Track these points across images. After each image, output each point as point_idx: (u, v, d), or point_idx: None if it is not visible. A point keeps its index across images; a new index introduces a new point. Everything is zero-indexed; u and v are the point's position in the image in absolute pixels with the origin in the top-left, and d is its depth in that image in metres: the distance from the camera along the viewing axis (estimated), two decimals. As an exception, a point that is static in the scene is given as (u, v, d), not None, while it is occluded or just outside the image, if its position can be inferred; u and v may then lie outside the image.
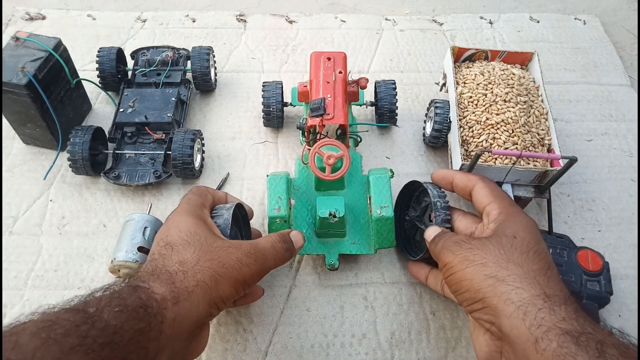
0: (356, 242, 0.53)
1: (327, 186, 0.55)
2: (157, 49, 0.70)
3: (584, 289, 0.52)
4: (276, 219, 0.50)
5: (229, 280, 0.40)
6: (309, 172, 0.56)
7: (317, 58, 0.57)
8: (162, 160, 0.61)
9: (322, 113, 0.52)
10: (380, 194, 0.51)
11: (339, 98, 0.54)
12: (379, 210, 0.50)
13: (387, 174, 0.52)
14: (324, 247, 0.53)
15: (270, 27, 0.82)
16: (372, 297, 0.55)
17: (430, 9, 0.87)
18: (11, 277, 0.54)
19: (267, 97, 0.64)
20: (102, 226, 0.58)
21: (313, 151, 0.51)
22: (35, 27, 0.79)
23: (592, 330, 0.34)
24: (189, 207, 0.46)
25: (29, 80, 0.55)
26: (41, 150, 0.65)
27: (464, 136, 0.59)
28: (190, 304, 0.38)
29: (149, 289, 0.37)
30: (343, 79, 0.56)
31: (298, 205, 0.54)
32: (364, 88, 0.61)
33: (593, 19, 0.86)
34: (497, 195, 0.46)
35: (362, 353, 0.51)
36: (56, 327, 0.30)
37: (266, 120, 0.66)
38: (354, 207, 0.54)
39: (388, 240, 0.52)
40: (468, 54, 0.66)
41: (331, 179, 0.51)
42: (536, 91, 0.63)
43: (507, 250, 0.40)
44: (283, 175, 0.52)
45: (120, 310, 0.33)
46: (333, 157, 0.50)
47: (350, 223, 0.53)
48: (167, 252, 0.41)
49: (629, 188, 0.65)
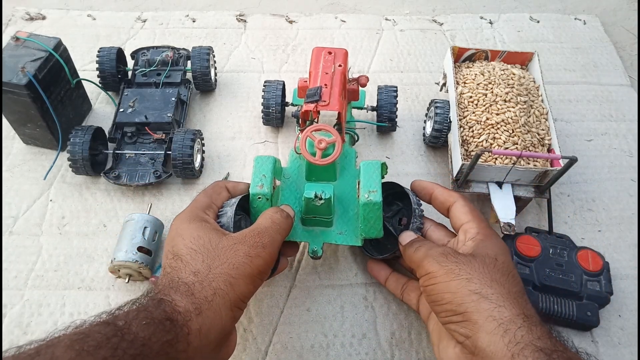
0: (343, 232, 0.51)
1: (318, 176, 0.54)
2: (157, 49, 0.70)
3: (584, 289, 0.52)
4: (258, 196, 0.48)
5: (244, 279, 0.41)
6: (301, 162, 0.55)
7: (318, 52, 0.57)
8: (162, 160, 0.61)
9: (317, 99, 0.51)
10: (370, 179, 0.49)
11: (336, 88, 0.53)
12: (367, 194, 0.47)
13: (378, 162, 0.50)
14: (309, 235, 0.51)
15: (270, 27, 0.82)
16: (372, 297, 0.55)
17: (430, 9, 0.87)
18: (11, 277, 0.54)
19: (267, 97, 0.64)
20: (102, 226, 0.58)
21: (305, 134, 0.50)
22: (35, 27, 0.79)
23: (563, 349, 0.36)
24: (191, 210, 0.46)
25: (29, 80, 0.55)
26: (41, 150, 0.65)
27: (464, 136, 0.59)
28: (213, 312, 0.38)
29: (172, 302, 0.37)
30: (342, 72, 0.55)
31: (286, 193, 0.53)
32: (363, 86, 0.60)
33: (593, 19, 0.86)
34: (476, 215, 0.48)
35: (362, 353, 0.51)
36: (89, 340, 0.32)
37: (265, 119, 0.66)
38: (344, 199, 0.53)
39: (375, 229, 0.49)
40: (468, 54, 0.66)
41: (321, 164, 0.49)
42: (536, 91, 0.63)
43: (490, 270, 0.41)
44: (270, 157, 0.51)
45: (147, 323, 0.34)
46: (325, 141, 0.49)
47: (338, 214, 0.52)
48: (177, 264, 0.41)
49: (629, 188, 0.65)
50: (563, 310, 0.51)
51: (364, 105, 0.65)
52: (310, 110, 0.52)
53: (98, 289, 0.54)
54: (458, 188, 0.57)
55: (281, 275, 0.56)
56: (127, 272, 0.52)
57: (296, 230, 0.51)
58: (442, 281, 0.41)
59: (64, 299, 0.53)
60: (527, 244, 0.54)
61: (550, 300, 0.51)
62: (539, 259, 0.53)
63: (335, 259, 0.57)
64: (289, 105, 0.66)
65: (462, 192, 0.57)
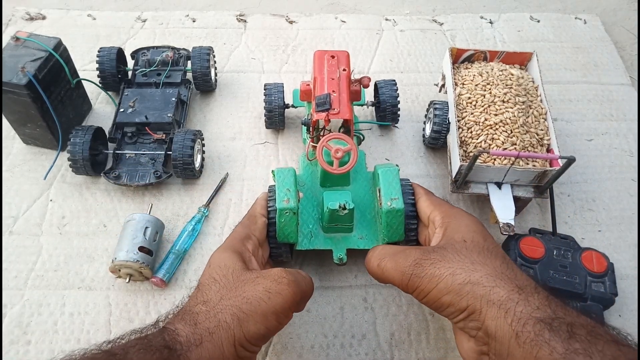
0: (363, 237, 0.53)
1: (333, 182, 0.55)
2: (157, 49, 0.70)
3: (588, 290, 0.51)
4: (285, 211, 0.49)
5: (255, 317, 0.38)
6: (314, 169, 0.56)
7: (320, 56, 0.58)
8: (163, 161, 0.61)
9: (327, 108, 0.52)
10: (390, 186, 0.50)
11: (343, 94, 0.54)
12: (390, 202, 0.49)
13: (395, 168, 0.52)
14: (332, 242, 0.52)
15: (271, 27, 0.82)
16: (372, 298, 0.55)
17: (430, 9, 0.87)
18: (11, 277, 0.54)
19: (269, 100, 0.64)
20: (103, 226, 0.59)
21: (321, 145, 0.51)
22: (35, 27, 0.79)
23: (563, 314, 0.36)
24: (229, 241, 0.46)
25: (29, 80, 0.55)
26: (41, 150, 0.65)
27: (463, 137, 0.59)
28: (213, 345, 0.36)
29: (175, 330, 0.37)
30: (347, 76, 0.56)
31: (304, 201, 0.54)
32: (366, 87, 0.61)
33: (593, 19, 0.86)
34: (437, 203, 0.49)
35: (362, 353, 0.51)
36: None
37: (268, 122, 0.66)
38: (360, 202, 0.54)
39: (398, 233, 0.50)
40: (467, 54, 0.66)
41: (340, 172, 0.50)
42: (535, 91, 0.62)
43: (465, 254, 0.40)
44: (290, 169, 0.52)
45: (144, 350, 0.34)
46: (341, 150, 0.50)
47: (356, 218, 0.53)
48: (194, 293, 0.41)
49: (629, 188, 0.65)
50: None
51: (364, 102, 0.66)
52: (322, 119, 0.52)
53: (98, 289, 0.54)
54: (457, 189, 0.57)
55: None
56: (127, 272, 0.52)
57: (318, 238, 0.52)
58: (430, 289, 0.40)
59: (64, 299, 0.53)
60: (531, 245, 0.54)
61: None
62: (543, 261, 0.53)
63: (335, 259, 0.57)
64: (289, 107, 0.66)
65: (462, 193, 0.57)
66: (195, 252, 0.57)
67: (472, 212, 0.61)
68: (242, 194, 0.62)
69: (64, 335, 0.51)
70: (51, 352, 0.50)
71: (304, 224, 0.53)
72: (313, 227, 0.53)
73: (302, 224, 0.53)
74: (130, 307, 0.53)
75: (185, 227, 0.57)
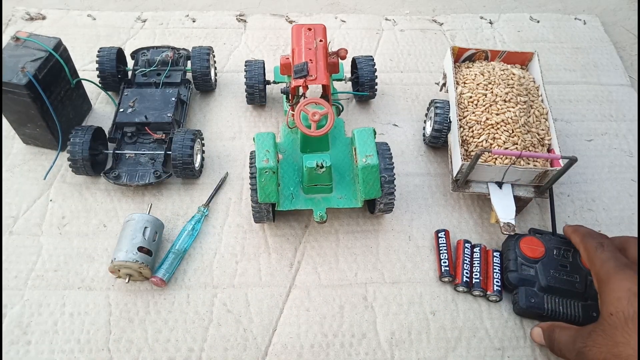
0: (343, 197, 0.55)
1: (313, 147, 0.57)
2: (157, 49, 0.70)
3: (589, 289, 0.52)
4: (265, 170, 0.51)
5: None
6: (295, 136, 0.58)
7: (298, 29, 0.60)
8: (162, 160, 0.61)
9: (305, 74, 0.54)
10: (365, 145, 0.53)
11: (320, 62, 0.56)
12: (364, 158, 0.52)
13: (370, 128, 0.54)
14: (312, 202, 0.55)
15: (270, 27, 0.82)
16: (372, 297, 0.55)
17: (430, 9, 0.87)
18: (11, 277, 0.54)
19: (250, 76, 0.66)
20: (102, 226, 0.58)
21: (299, 109, 0.53)
22: (35, 27, 0.79)
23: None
24: None
25: (29, 80, 0.55)
26: (41, 150, 0.65)
27: (464, 136, 0.59)
28: None
29: None
30: (324, 46, 0.58)
31: (285, 166, 0.56)
32: (343, 58, 0.63)
33: (593, 19, 0.86)
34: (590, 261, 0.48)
35: (362, 353, 0.51)
36: None
37: (249, 98, 0.68)
38: (339, 165, 0.57)
39: (374, 189, 0.53)
40: (468, 54, 0.66)
41: (317, 135, 0.53)
42: (536, 91, 0.63)
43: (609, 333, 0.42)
44: (269, 133, 0.54)
45: None
46: (318, 113, 0.53)
47: (336, 180, 0.56)
48: None
49: (629, 188, 0.65)
50: (568, 311, 0.51)
51: (343, 77, 0.69)
52: (300, 85, 0.55)
53: (98, 289, 0.54)
54: (458, 188, 0.57)
55: (281, 275, 0.56)
56: (127, 272, 0.52)
57: (299, 199, 0.55)
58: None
59: (64, 299, 0.53)
60: (531, 245, 0.54)
61: (555, 302, 0.51)
62: (543, 260, 0.53)
63: (335, 259, 0.57)
64: (270, 84, 0.68)
65: (463, 192, 0.57)
66: (195, 252, 0.57)
67: (472, 211, 0.61)
68: (242, 194, 0.62)
69: (64, 335, 0.51)
70: (51, 352, 0.50)
71: (285, 186, 0.55)
72: (294, 189, 0.55)
73: (284, 187, 0.55)
74: (130, 307, 0.53)
75: (185, 227, 0.57)
